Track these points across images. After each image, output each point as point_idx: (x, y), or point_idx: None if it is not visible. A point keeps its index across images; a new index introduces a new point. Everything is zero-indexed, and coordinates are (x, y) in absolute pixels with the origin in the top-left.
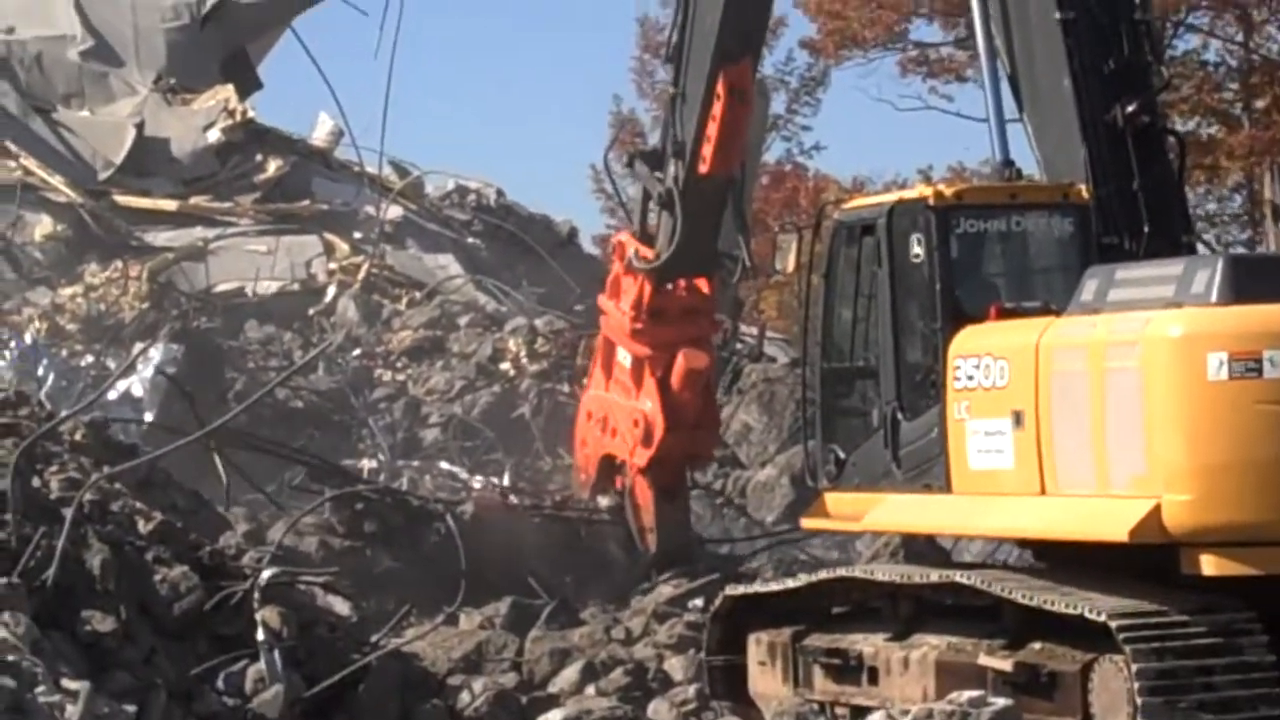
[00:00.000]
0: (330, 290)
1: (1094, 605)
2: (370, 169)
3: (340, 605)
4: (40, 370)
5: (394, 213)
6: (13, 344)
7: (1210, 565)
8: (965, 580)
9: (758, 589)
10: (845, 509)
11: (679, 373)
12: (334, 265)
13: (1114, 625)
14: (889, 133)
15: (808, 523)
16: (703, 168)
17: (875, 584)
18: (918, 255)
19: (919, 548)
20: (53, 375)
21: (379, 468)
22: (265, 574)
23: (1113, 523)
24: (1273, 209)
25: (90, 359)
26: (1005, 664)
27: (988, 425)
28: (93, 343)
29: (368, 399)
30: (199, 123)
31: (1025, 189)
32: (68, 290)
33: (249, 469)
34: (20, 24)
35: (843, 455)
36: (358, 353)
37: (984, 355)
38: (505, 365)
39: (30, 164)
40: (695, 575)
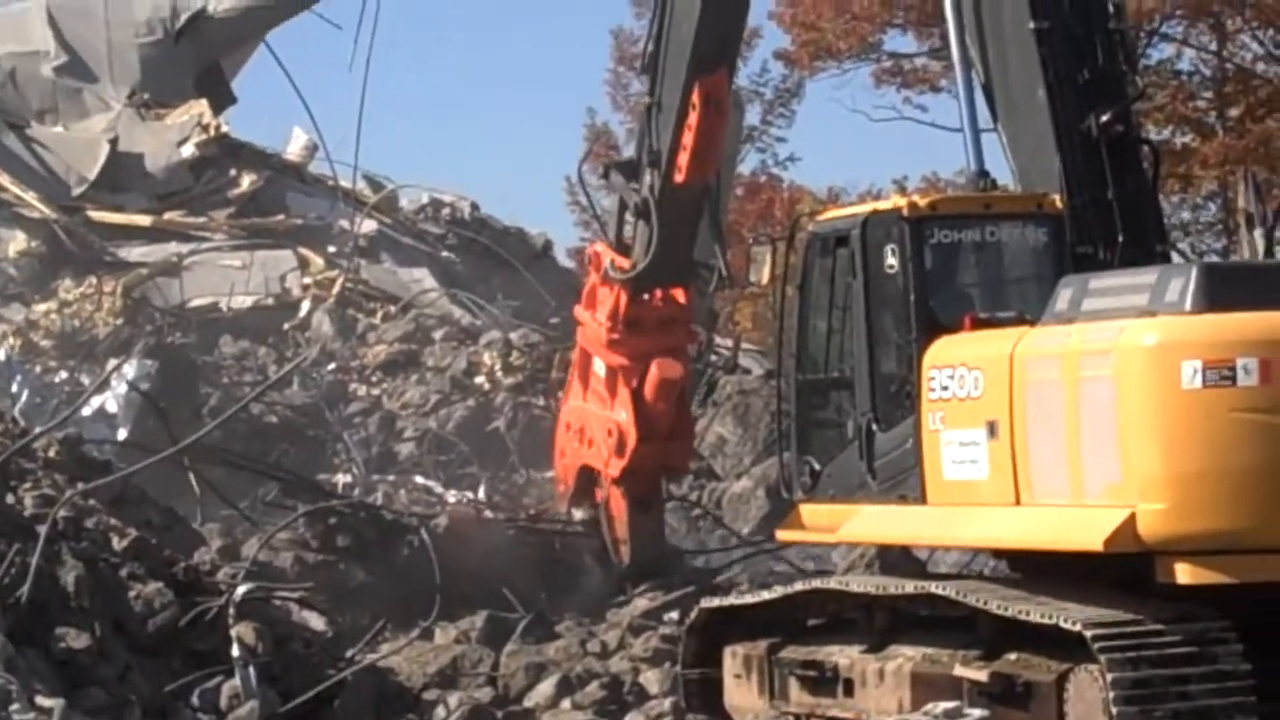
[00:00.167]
0: (305, 305)
1: (1069, 615)
2: (344, 183)
3: (315, 620)
4: (14, 387)
5: (368, 227)
6: None
7: (1185, 574)
8: (940, 591)
9: (733, 601)
10: (820, 520)
11: (653, 383)
12: (308, 280)
13: (1089, 635)
14: (864, 143)
15: (783, 534)
16: (678, 177)
17: (850, 595)
18: (892, 266)
19: (894, 559)
20: (27, 391)
21: (354, 482)
22: (240, 590)
23: (1088, 532)
24: (1246, 217)
25: (64, 375)
26: (981, 674)
27: (962, 436)
28: (67, 359)
29: (342, 413)
30: (173, 138)
31: (999, 199)
32: (42, 306)
33: (223, 485)
34: None
35: (818, 467)
36: (332, 367)
37: (958, 366)
38: (480, 379)
39: (4, 180)
40: (670, 588)
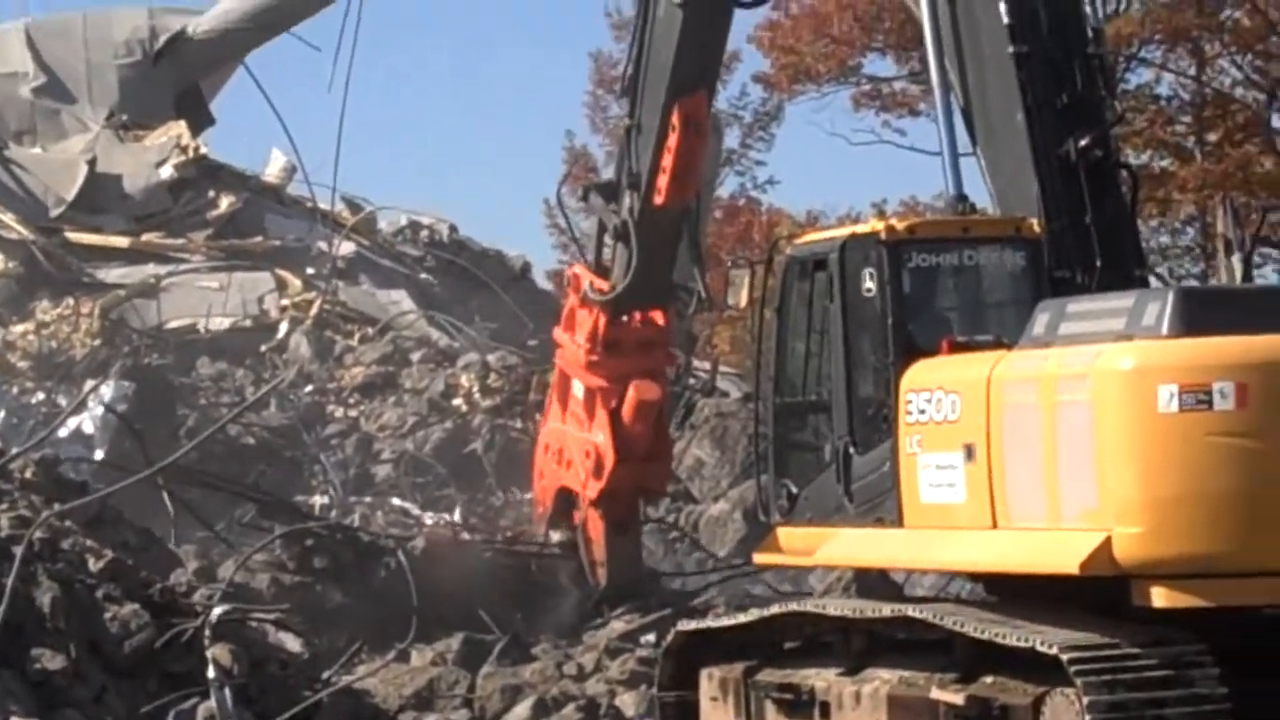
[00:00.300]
0: (283, 326)
1: (1045, 638)
2: (323, 205)
3: (291, 642)
4: None
5: (346, 248)
6: None
7: (1161, 598)
8: (917, 614)
9: (710, 624)
10: (798, 544)
11: (631, 404)
12: (286, 301)
13: (1065, 658)
14: (843, 167)
15: (760, 558)
16: (658, 199)
17: (827, 618)
18: (870, 290)
19: (871, 582)
20: (3, 412)
21: (331, 504)
22: (216, 611)
23: (1064, 555)
24: (1225, 243)
25: (41, 396)
26: (957, 697)
27: (939, 459)
28: (44, 380)
29: (319, 435)
30: (151, 159)
31: (977, 223)
32: (19, 327)
33: (200, 506)
34: None
35: (795, 490)
36: (310, 389)
37: (936, 389)
38: (458, 401)
39: None
40: (647, 610)
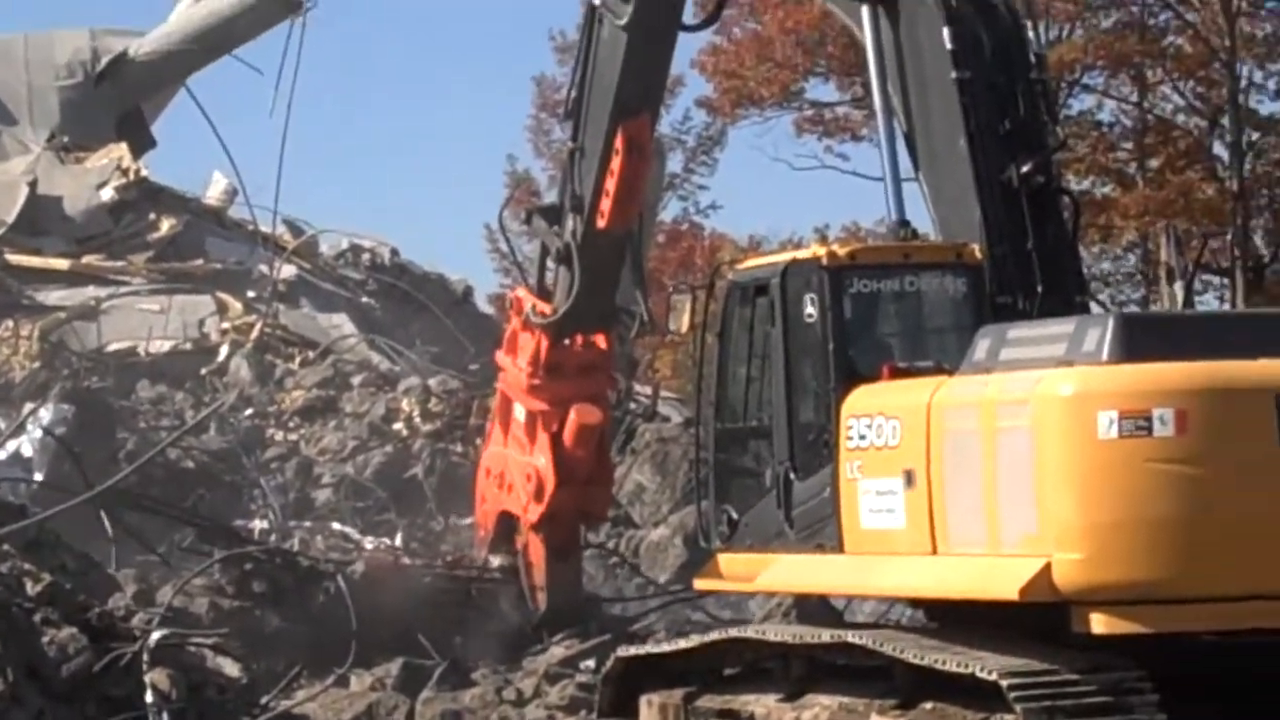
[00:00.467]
0: (223, 350)
1: (985, 664)
2: (264, 228)
3: (230, 666)
4: None
5: (288, 272)
6: None
7: (1100, 624)
8: (857, 640)
9: (650, 650)
10: (738, 569)
11: (572, 428)
12: (227, 324)
13: (1005, 684)
14: (785, 191)
15: (701, 583)
16: (601, 222)
17: (767, 644)
18: (811, 315)
19: (811, 608)
20: None
21: (270, 528)
22: (154, 635)
23: (1004, 581)
24: (1168, 271)
25: None
26: None
27: (880, 485)
28: None
29: (259, 459)
30: (92, 181)
31: (919, 249)
32: None
33: (139, 530)
34: None
35: (736, 515)
36: (250, 412)
37: (876, 415)
38: (398, 425)
39: None
40: (587, 636)
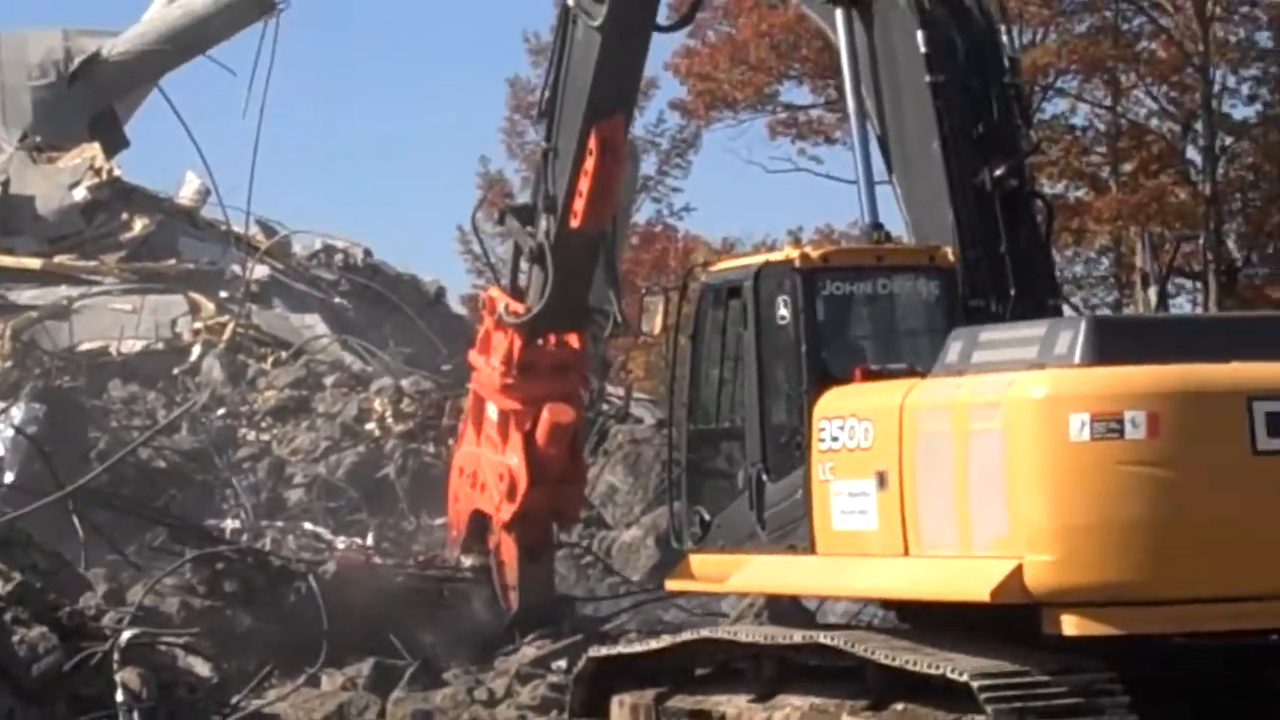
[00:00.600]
0: (195, 349)
1: (956, 665)
2: (237, 228)
3: (201, 666)
4: None
5: (260, 272)
6: None
7: (1072, 625)
8: (828, 641)
9: (621, 650)
10: (710, 570)
11: (544, 427)
12: (199, 324)
13: (976, 685)
14: (759, 194)
15: (673, 584)
16: (574, 222)
17: (739, 645)
18: (784, 317)
19: (783, 609)
20: None
21: (242, 528)
22: (125, 635)
23: (975, 583)
24: (1142, 276)
25: None
26: None
27: (852, 486)
28: None
29: (231, 459)
30: (65, 181)
31: (892, 251)
32: None
33: (110, 529)
34: None
35: (708, 516)
36: (222, 412)
37: (849, 416)
38: (371, 425)
39: None
40: (559, 636)
